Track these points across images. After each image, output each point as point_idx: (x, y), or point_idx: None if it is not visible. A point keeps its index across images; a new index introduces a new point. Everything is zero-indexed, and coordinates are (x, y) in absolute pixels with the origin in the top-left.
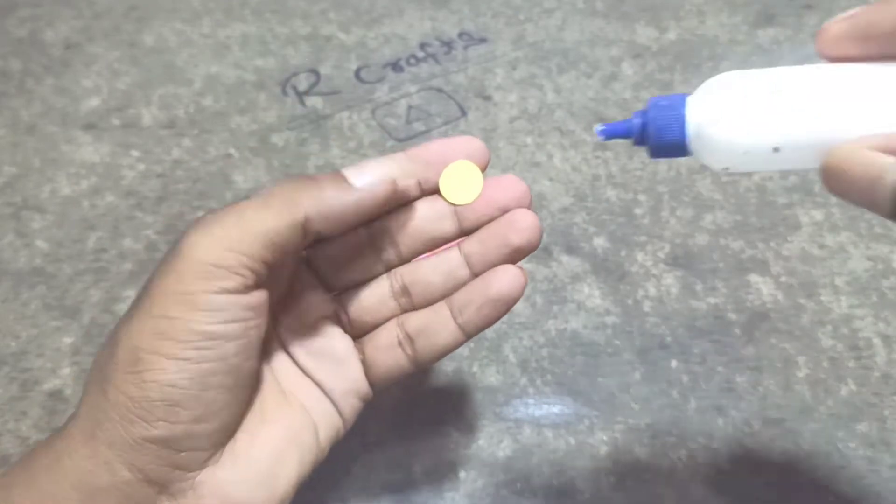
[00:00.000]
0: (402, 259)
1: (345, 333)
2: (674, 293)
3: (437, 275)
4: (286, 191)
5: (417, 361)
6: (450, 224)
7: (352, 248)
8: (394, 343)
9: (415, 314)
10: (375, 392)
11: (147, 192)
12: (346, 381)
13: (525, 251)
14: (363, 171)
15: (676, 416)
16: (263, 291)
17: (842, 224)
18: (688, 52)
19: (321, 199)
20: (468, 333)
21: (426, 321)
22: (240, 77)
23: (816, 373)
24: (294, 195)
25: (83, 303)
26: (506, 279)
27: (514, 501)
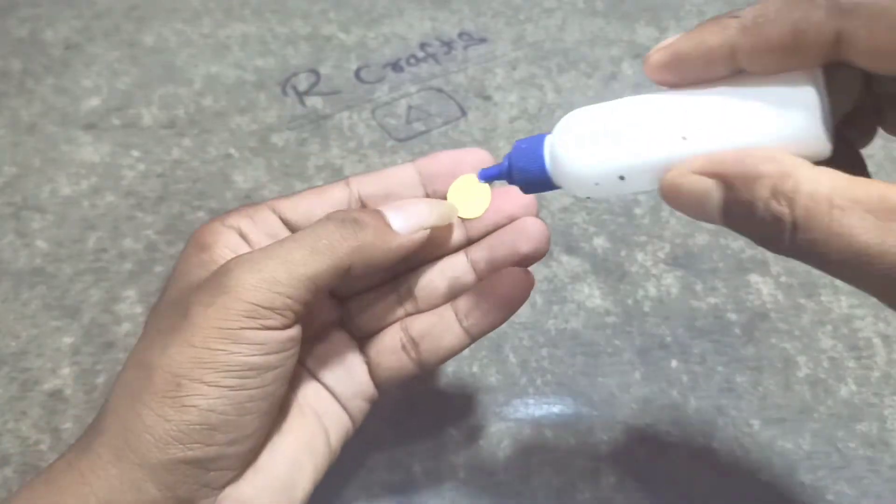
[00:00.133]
0: (409, 267)
1: (350, 338)
2: (674, 293)
3: (443, 280)
4: (332, 234)
5: (422, 364)
6: (458, 233)
7: None
8: (397, 346)
9: (419, 317)
10: (381, 392)
11: (147, 192)
12: (354, 385)
13: (533, 259)
14: (403, 215)
15: (676, 416)
16: (300, 325)
17: None
18: None
19: (365, 248)
20: (473, 336)
21: (430, 324)
22: (240, 77)
23: (816, 373)
24: (340, 241)
25: (83, 303)
26: (513, 282)
27: (514, 501)
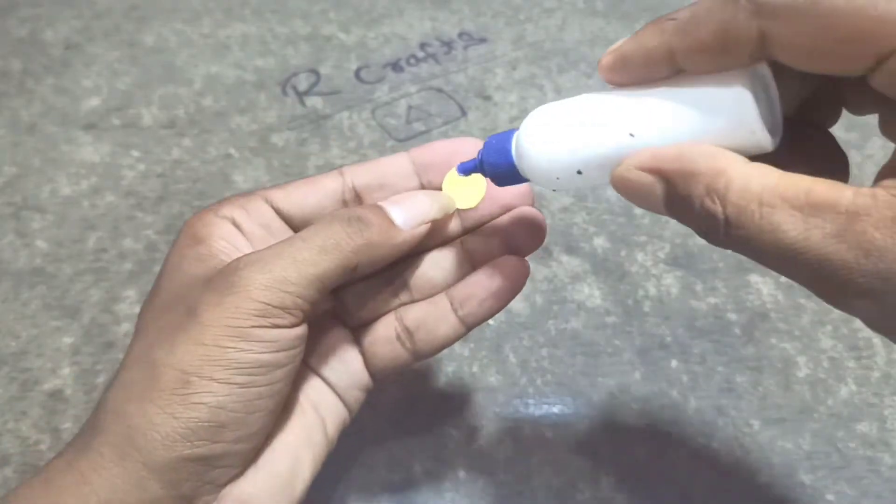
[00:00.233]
0: (404, 257)
1: (344, 328)
2: (674, 293)
3: (438, 270)
4: (338, 233)
5: (417, 353)
6: (453, 223)
7: None
8: (392, 336)
9: (413, 307)
10: (377, 382)
11: (147, 192)
12: (349, 375)
13: (529, 248)
14: (405, 209)
15: (676, 416)
16: (306, 324)
17: None
18: None
19: (371, 246)
20: (469, 325)
21: (425, 314)
22: (240, 77)
23: (816, 373)
24: (347, 240)
25: (83, 303)
26: (508, 271)
27: (514, 501)
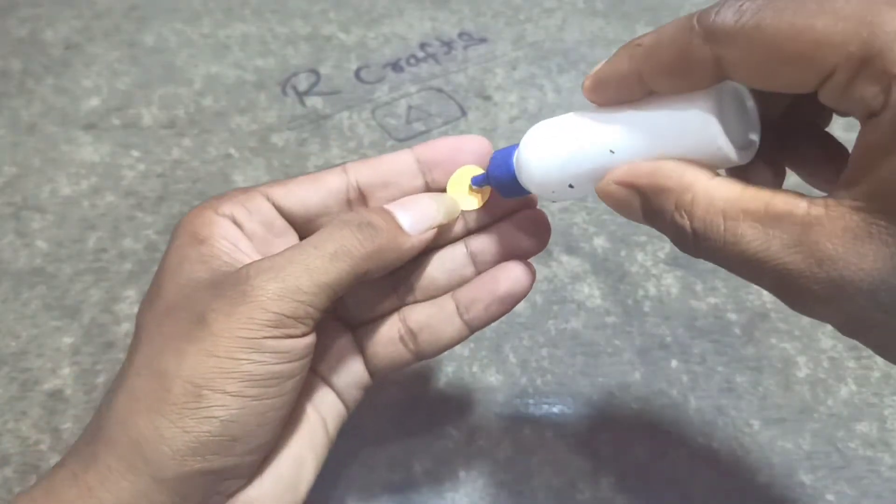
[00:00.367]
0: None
1: (344, 326)
2: (674, 293)
3: (443, 271)
4: (349, 239)
5: (419, 354)
6: (458, 224)
7: None
8: (395, 337)
9: (417, 308)
10: (376, 379)
11: (147, 192)
12: (349, 375)
13: (534, 250)
14: (412, 214)
15: (676, 416)
16: (315, 332)
17: None
18: None
19: (381, 252)
20: (473, 328)
21: (430, 316)
22: (240, 77)
23: (816, 373)
24: (358, 246)
25: (83, 303)
26: (514, 276)
27: (514, 501)
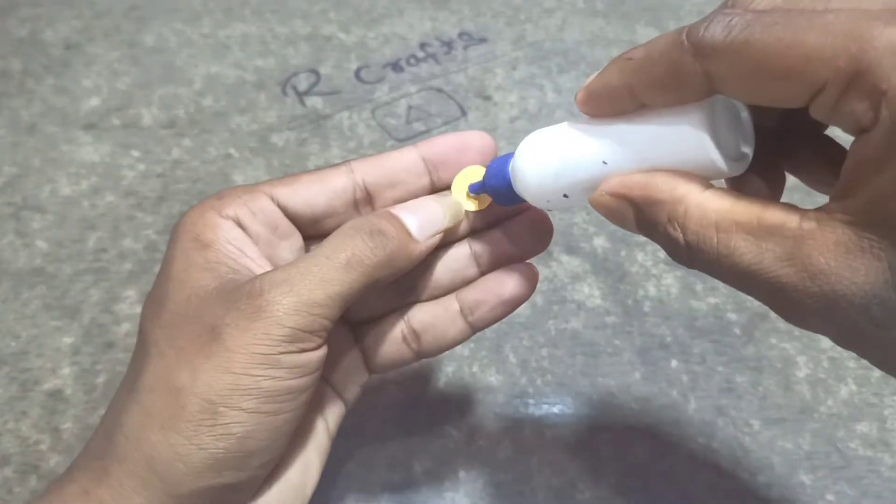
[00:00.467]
0: None
1: (344, 324)
2: (674, 293)
3: (446, 272)
4: (361, 248)
5: (421, 354)
6: (462, 224)
7: None
8: (397, 337)
9: (421, 308)
10: (373, 374)
11: (147, 192)
12: (348, 373)
13: (537, 250)
14: (419, 220)
15: (676, 416)
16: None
17: None
18: None
19: (391, 261)
20: (476, 330)
21: (434, 318)
22: (240, 77)
23: (816, 373)
24: (370, 255)
25: (83, 303)
26: (519, 279)
27: (514, 501)
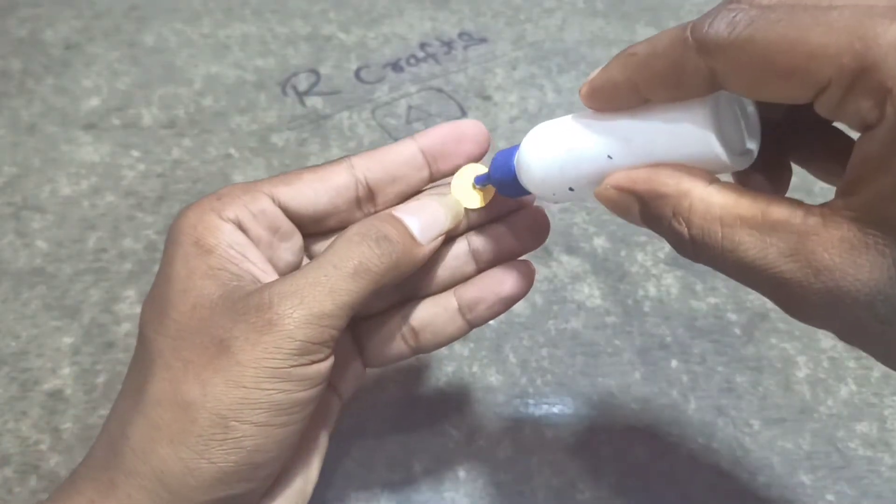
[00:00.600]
0: None
1: None
2: (674, 293)
3: (444, 269)
4: (367, 255)
5: (418, 350)
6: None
7: None
8: (395, 334)
9: (419, 306)
10: (370, 368)
11: (147, 192)
12: (346, 369)
13: (534, 245)
14: (422, 223)
15: (676, 416)
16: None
17: None
18: None
19: (397, 267)
20: (473, 326)
21: (433, 315)
22: (240, 77)
23: (816, 373)
24: (377, 263)
25: (83, 303)
26: (517, 277)
27: (514, 501)
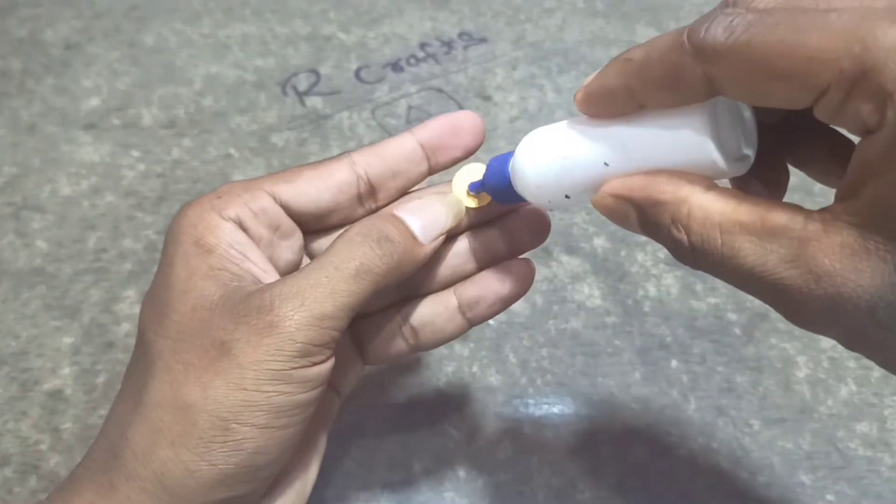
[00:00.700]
0: None
1: None
2: (674, 293)
3: (445, 267)
4: (369, 257)
5: (418, 348)
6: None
7: None
8: (395, 332)
9: (419, 304)
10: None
11: (147, 192)
12: (345, 368)
13: (534, 244)
14: (423, 222)
15: (676, 416)
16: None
17: None
18: None
19: (399, 267)
20: (473, 324)
21: (433, 315)
22: (240, 77)
23: (816, 373)
24: (379, 264)
25: (83, 303)
26: (518, 276)
27: (514, 501)
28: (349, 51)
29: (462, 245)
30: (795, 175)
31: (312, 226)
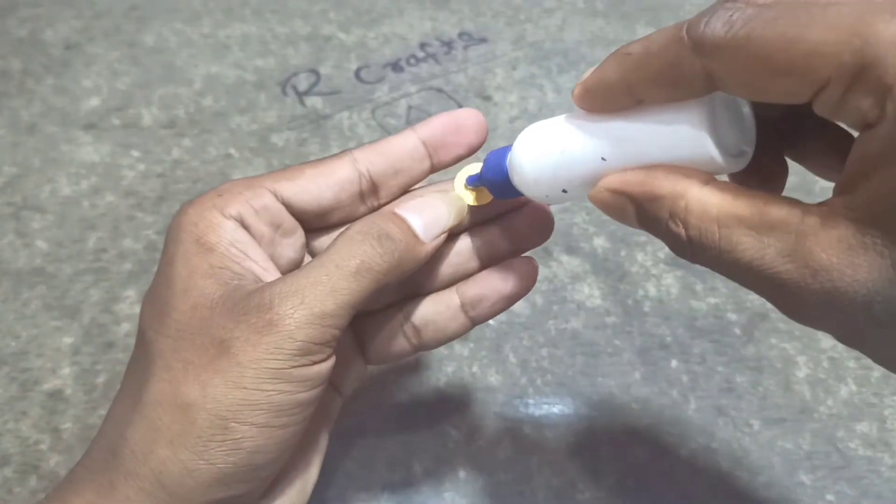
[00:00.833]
0: None
1: None
2: (674, 293)
3: (447, 266)
4: (370, 255)
5: (420, 347)
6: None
7: None
8: (397, 331)
9: (422, 303)
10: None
11: (147, 192)
12: (347, 367)
13: (536, 243)
14: (424, 220)
15: (676, 416)
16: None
17: None
18: None
19: (400, 265)
20: (476, 323)
21: (435, 314)
22: (240, 77)
23: (816, 373)
24: (379, 262)
25: (83, 303)
26: (521, 275)
27: (514, 501)
28: (349, 51)
29: (464, 243)
30: (795, 174)
31: (314, 223)
